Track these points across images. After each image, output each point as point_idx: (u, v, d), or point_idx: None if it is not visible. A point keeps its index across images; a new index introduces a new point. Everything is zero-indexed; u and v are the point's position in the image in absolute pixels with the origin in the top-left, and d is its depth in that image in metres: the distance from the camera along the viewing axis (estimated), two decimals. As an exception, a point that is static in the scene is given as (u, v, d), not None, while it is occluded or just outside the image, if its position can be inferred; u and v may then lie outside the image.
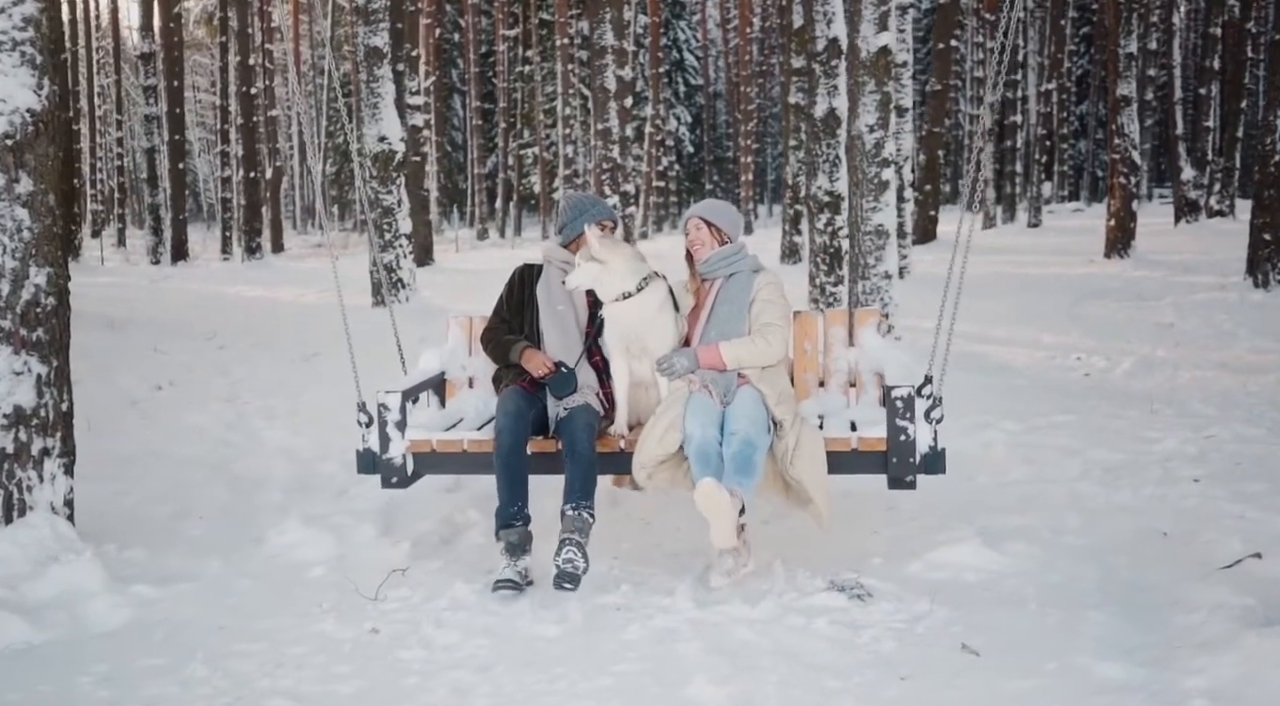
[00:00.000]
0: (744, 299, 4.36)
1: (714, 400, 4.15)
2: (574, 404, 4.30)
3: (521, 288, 4.66)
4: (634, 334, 4.28)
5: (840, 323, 4.79)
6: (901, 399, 4.09)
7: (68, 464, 4.39)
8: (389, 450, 4.32)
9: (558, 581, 3.87)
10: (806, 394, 4.71)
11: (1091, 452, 6.11)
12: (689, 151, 48.19)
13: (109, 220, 39.31)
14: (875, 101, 8.60)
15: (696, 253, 4.46)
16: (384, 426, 4.30)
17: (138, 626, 3.72)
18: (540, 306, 4.56)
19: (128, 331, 11.18)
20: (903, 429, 4.10)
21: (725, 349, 4.23)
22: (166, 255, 25.23)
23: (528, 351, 4.44)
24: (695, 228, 4.47)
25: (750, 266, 4.46)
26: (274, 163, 30.62)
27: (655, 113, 35.94)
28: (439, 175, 38.44)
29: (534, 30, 37.02)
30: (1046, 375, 8.66)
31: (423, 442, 4.34)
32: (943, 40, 20.25)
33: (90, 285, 17.29)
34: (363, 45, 12.13)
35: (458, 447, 4.34)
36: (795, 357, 4.72)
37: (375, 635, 3.61)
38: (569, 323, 4.52)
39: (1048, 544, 4.49)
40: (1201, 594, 3.98)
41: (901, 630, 3.62)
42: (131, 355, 9.66)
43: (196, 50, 49.23)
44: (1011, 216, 29.57)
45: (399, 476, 4.35)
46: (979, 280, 14.84)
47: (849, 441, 4.18)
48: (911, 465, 4.12)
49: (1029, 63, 31.13)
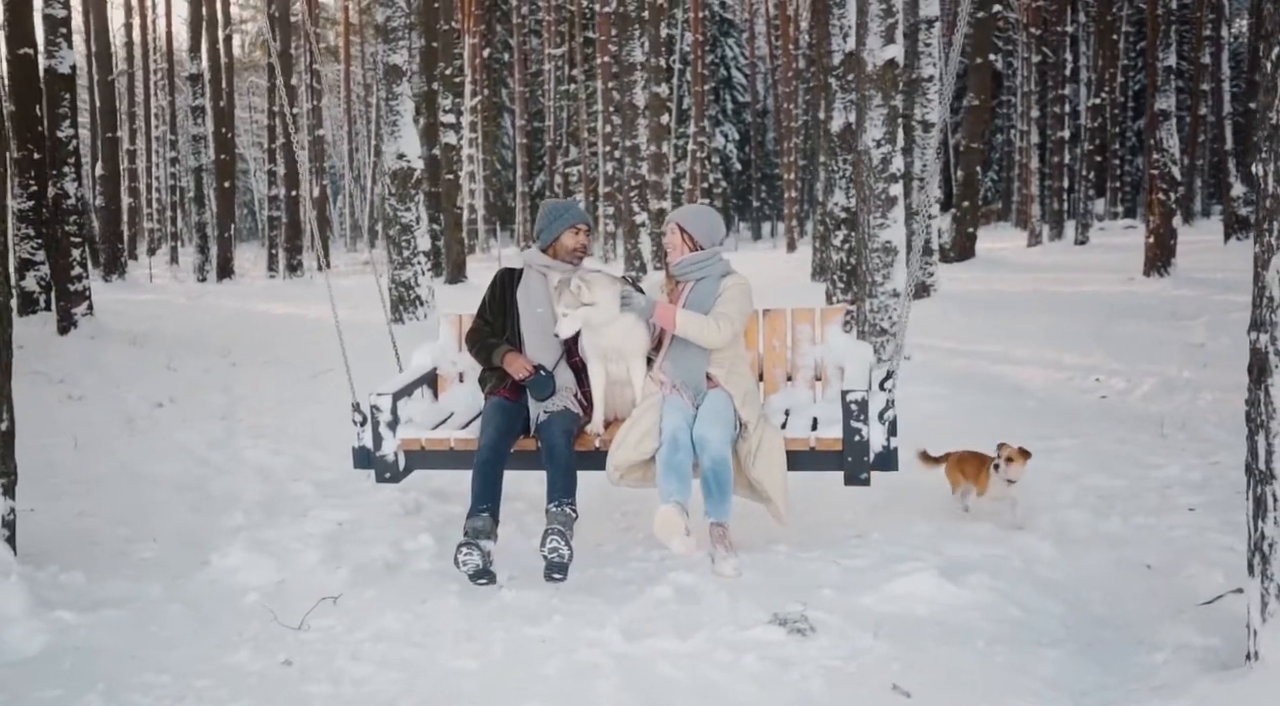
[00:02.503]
0: (710, 300, 4.62)
1: (686, 401, 4.51)
2: (554, 408, 4.60)
3: (503, 291, 4.91)
4: (613, 344, 4.58)
5: (808, 320, 5.00)
6: (856, 402, 4.33)
7: (6, 484, 4.33)
8: (382, 447, 4.71)
9: (547, 573, 4.19)
10: (775, 388, 4.97)
11: (1088, 478, 5.87)
12: (736, 168, 48.03)
13: (164, 238, 39.99)
14: (883, 115, 8.41)
15: (670, 256, 4.74)
16: (376, 426, 4.68)
17: (49, 654, 3.63)
18: (520, 310, 4.82)
19: (147, 348, 11.27)
20: (857, 430, 4.35)
21: (681, 315, 4.51)
22: (213, 272, 25.61)
23: (509, 355, 4.72)
24: (671, 232, 4.75)
25: (719, 271, 4.71)
26: (320, 182, 30.89)
27: (699, 129, 35.83)
28: (487, 193, 38.63)
29: (579, 49, 37.13)
30: (1060, 397, 8.38)
31: (413, 441, 4.73)
32: (981, 55, 19.92)
33: (128, 302, 17.56)
34: (382, 63, 12.15)
35: (445, 446, 4.73)
36: (765, 353, 4.98)
37: (288, 667, 3.50)
38: (548, 325, 4.70)
39: (1015, 576, 4.27)
40: (1169, 632, 3.78)
41: (834, 668, 3.43)
42: (143, 372, 9.72)
43: (253, 71, 50.11)
44: (1059, 233, 28.96)
45: (391, 471, 4.73)
46: (1011, 298, 14.58)
47: (808, 441, 4.45)
48: (865, 463, 4.37)
49: (1080, 77, 30.59)
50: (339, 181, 52.71)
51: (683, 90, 36.96)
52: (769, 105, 50.90)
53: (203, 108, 25.17)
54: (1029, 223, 27.89)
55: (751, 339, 5.00)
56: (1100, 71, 29.26)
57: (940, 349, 10.36)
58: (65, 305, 12.36)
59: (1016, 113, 35.99)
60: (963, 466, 5.28)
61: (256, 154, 54.35)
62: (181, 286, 23.92)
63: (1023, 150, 32.64)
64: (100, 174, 24.50)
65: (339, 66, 46.06)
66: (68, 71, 12.76)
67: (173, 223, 37.09)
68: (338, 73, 46.67)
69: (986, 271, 18.47)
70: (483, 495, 4.37)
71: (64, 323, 12.33)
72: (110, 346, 11.22)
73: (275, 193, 28.04)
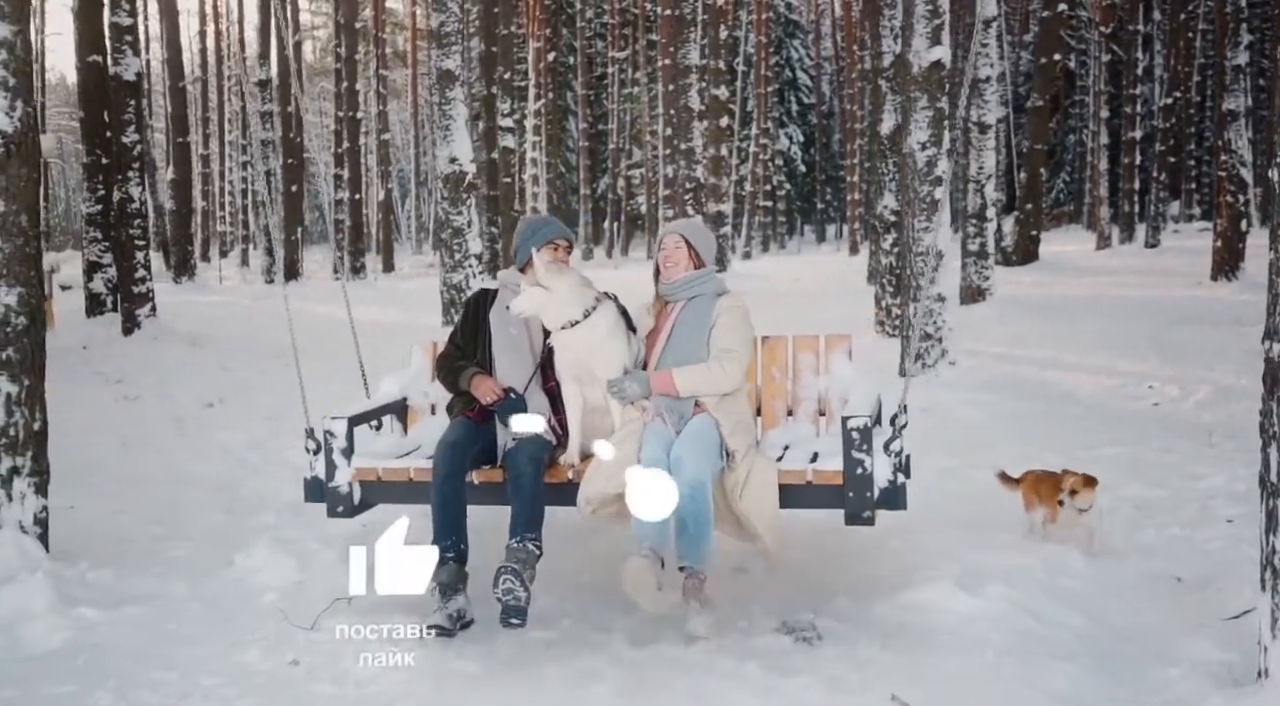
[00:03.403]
0: (704, 322, 4.15)
1: (669, 428, 3.98)
2: (523, 434, 4.13)
3: (476, 313, 4.52)
4: (582, 362, 4.13)
5: (810, 349, 4.54)
6: (857, 430, 3.79)
7: (39, 483, 4.46)
8: (335, 478, 4.22)
9: (503, 618, 3.65)
10: (775, 422, 4.49)
11: (1127, 488, 5.74)
12: (801, 171, 47.76)
13: (236, 241, 40.87)
14: (928, 118, 8.30)
15: (668, 271, 4.25)
16: (330, 453, 4.20)
17: (67, 650, 3.72)
18: (493, 331, 4.42)
19: (205, 349, 11.53)
20: (859, 461, 3.81)
21: (679, 375, 4.02)
22: (280, 275, 26.09)
23: (476, 378, 4.30)
24: (675, 245, 4.25)
25: (714, 289, 4.24)
26: (386, 185, 31.38)
27: (762, 131, 35.69)
28: (551, 196, 38.87)
29: (642, 52, 37.21)
30: (1109, 404, 8.21)
31: (369, 471, 4.24)
32: (1046, 54, 19.57)
33: (193, 304, 17.98)
34: (436, 68, 12.29)
35: (404, 476, 4.21)
36: (764, 385, 4.53)
37: (295, 667, 3.55)
38: (522, 348, 4.37)
39: (1035, 587, 4.19)
40: (1188, 647, 3.70)
41: (836, 678, 3.40)
42: (198, 372, 9.94)
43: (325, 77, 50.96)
44: (1129, 236, 28.32)
45: (345, 505, 4.24)
46: (1070, 303, 14.29)
47: (804, 474, 3.91)
48: (869, 500, 3.82)
49: (1154, 75, 29.91)
50: (407, 185, 53.38)
51: (746, 93, 36.87)
52: (835, 107, 50.57)
53: (271, 113, 25.70)
54: (1098, 225, 27.31)
55: (749, 370, 4.45)
56: (1174, 70, 28.56)
57: (989, 354, 10.20)
58: (129, 307, 12.69)
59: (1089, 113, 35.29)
60: (1038, 488, 4.95)
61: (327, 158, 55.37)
62: (249, 288, 24.42)
63: (1093, 151, 31.99)
64: (172, 178, 25.12)
65: (406, 71, 46.65)
66: (133, 78, 13.08)
67: (244, 226, 37.88)
68: (406, 77, 47.28)
69: (1049, 275, 18.13)
70: (444, 529, 3.92)
71: (128, 324, 12.66)
72: (170, 347, 11.49)
73: (341, 196, 28.50)
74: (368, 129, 37.69)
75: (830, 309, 14.23)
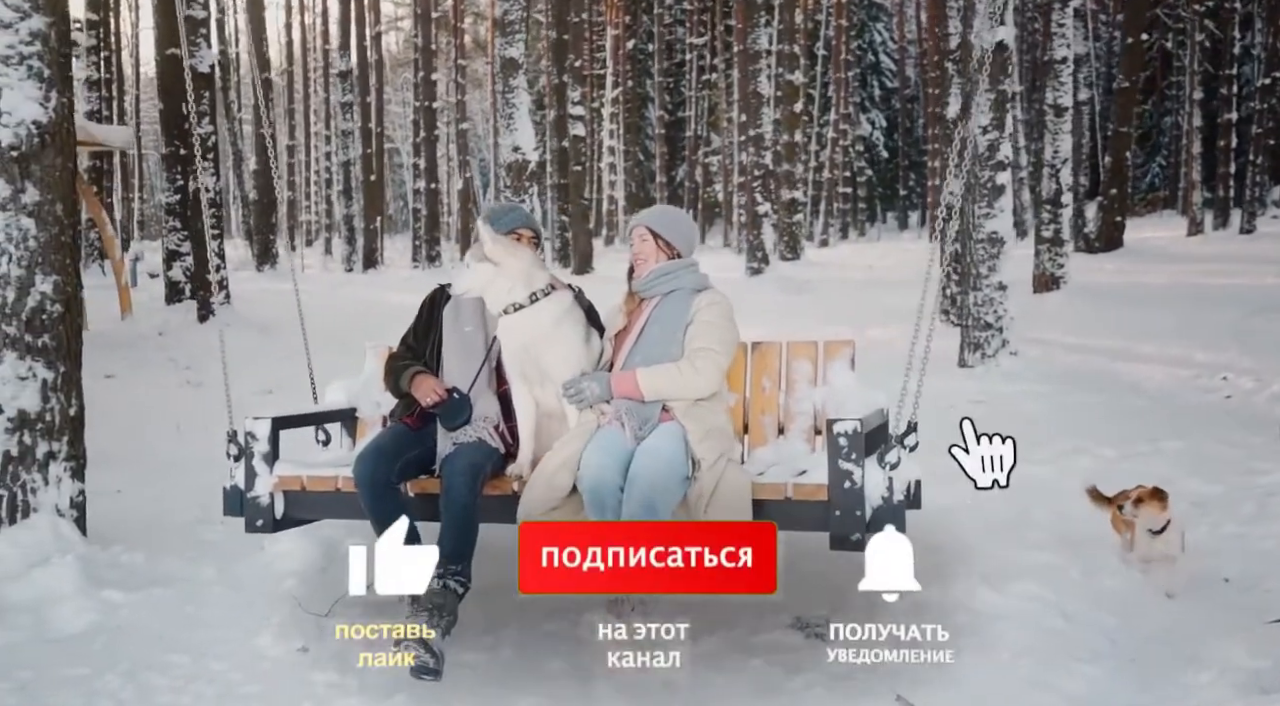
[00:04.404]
0: (679, 320, 3.66)
1: (626, 435, 3.49)
2: (464, 439, 3.69)
3: (431, 310, 4.05)
4: (528, 355, 3.65)
5: (807, 356, 3.93)
6: (845, 435, 3.25)
7: (75, 467, 4.55)
8: (255, 487, 3.80)
9: (415, 672, 3.25)
10: (763, 440, 3.90)
11: (1185, 483, 5.51)
12: (883, 156, 47.05)
13: (320, 230, 41.68)
14: (990, 101, 8.08)
15: (638, 267, 3.79)
16: (250, 459, 3.78)
17: (88, 632, 3.77)
18: (445, 328, 3.93)
19: (273, 336, 11.74)
20: (847, 474, 3.26)
21: (644, 376, 3.54)
22: (359, 263, 26.57)
23: (418, 378, 3.82)
24: (640, 239, 3.78)
25: (693, 284, 3.74)
26: (465, 174, 31.68)
27: (840, 117, 35.25)
28: (628, 184, 38.89)
29: (720, 37, 36.98)
30: (1179, 396, 7.93)
31: (292, 480, 3.79)
32: (1134, 34, 18.94)
33: (271, 291, 18.33)
34: (499, 56, 12.35)
35: (330, 486, 3.74)
36: (752, 396, 3.95)
37: (303, 653, 3.56)
38: (475, 345, 3.87)
39: (1068, 585, 4.05)
40: (1223, 651, 3.53)
41: (841, 676, 3.31)
42: (262, 359, 10.09)
43: (407, 67, 51.61)
44: (1224, 221, 27.31)
45: (264, 519, 3.80)
46: (1150, 291, 13.84)
47: (783, 488, 3.38)
48: (858, 520, 3.28)
49: (1253, 55, 28.80)
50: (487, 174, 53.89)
51: (827, 77, 36.43)
52: (919, 91, 49.68)
53: (351, 103, 26.13)
54: (1190, 211, 26.40)
55: (735, 378, 3.92)
56: (1273, 49, 27.44)
57: (1057, 344, 9.93)
58: (204, 294, 13.01)
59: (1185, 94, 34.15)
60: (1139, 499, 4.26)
61: (408, 148, 56.14)
62: (329, 277, 24.90)
63: (1187, 133, 30.94)
64: (254, 169, 25.68)
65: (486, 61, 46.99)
66: (207, 70, 13.39)
67: (328, 215, 38.60)
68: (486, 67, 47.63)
69: (1132, 262, 17.60)
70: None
71: (203, 311, 12.98)
72: (240, 334, 11.69)
73: (419, 186, 28.87)
74: (449, 119, 38.05)
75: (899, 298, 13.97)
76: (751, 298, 15.81)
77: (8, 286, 4.34)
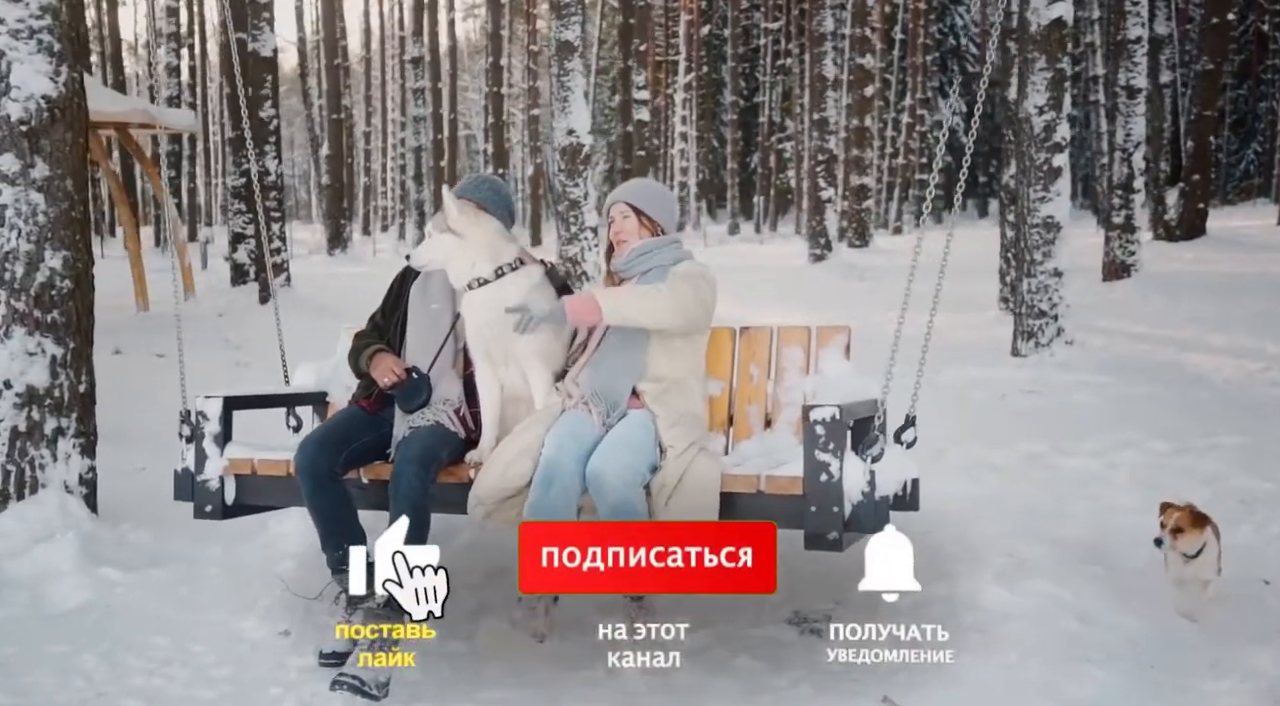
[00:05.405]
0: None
1: (594, 420, 3.33)
2: (420, 422, 3.50)
3: (401, 286, 3.84)
4: (492, 333, 3.44)
5: (798, 342, 3.64)
6: (822, 422, 2.99)
7: (84, 444, 4.54)
8: (204, 470, 3.67)
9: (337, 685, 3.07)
10: (748, 432, 3.63)
11: (1235, 480, 5.26)
12: (962, 142, 46.12)
13: (395, 215, 42.17)
14: (1046, 80, 7.77)
15: (618, 246, 3.58)
16: (200, 441, 3.66)
17: (81, 610, 3.75)
18: (411, 305, 3.72)
19: (326, 319, 11.76)
20: (824, 465, 3.01)
21: (605, 296, 3.29)
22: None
23: (377, 356, 3.62)
24: (621, 215, 3.55)
25: (671, 259, 3.50)
26: (535, 161, 31.74)
27: (917, 102, 34.60)
28: (701, 170, 38.67)
29: (795, 21, 36.53)
30: (1245, 390, 7.55)
31: (243, 462, 3.63)
32: (1219, 14, 18.21)
33: (337, 275, 18.61)
34: (554, 39, 12.25)
35: (282, 470, 3.54)
36: (739, 385, 3.68)
37: (284, 637, 3.51)
38: (441, 323, 3.64)
39: (1089, 584, 3.82)
40: (1249, 658, 3.30)
41: (835, 674, 3.14)
42: (310, 341, 10.04)
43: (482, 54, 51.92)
44: (1318, 210, 26.24)
45: (214, 504, 3.66)
46: (1230, 280, 13.28)
47: (755, 481, 3.14)
48: (836, 517, 3.03)
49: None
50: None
51: (905, 62, 35.78)
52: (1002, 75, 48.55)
53: (423, 89, 26.34)
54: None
55: (721, 365, 3.68)
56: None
57: (1123, 334, 9.57)
58: (264, 277, 13.19)
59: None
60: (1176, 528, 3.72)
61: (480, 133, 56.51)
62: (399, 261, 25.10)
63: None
64: (327, 154, 26.00)
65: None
66: (269, 54, 13.51)
67: (402, 200, 39.01)
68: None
69: (1214, 251, 16.94)
70: (326, 529, 3.37)
71: (264, 293, 13.15)
72: (296, 317, 11.75)
73: (489, 171, 29.00)
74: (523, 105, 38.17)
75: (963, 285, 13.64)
76: (808, 284, 15.54)
77: (16, 262, 4.34)
